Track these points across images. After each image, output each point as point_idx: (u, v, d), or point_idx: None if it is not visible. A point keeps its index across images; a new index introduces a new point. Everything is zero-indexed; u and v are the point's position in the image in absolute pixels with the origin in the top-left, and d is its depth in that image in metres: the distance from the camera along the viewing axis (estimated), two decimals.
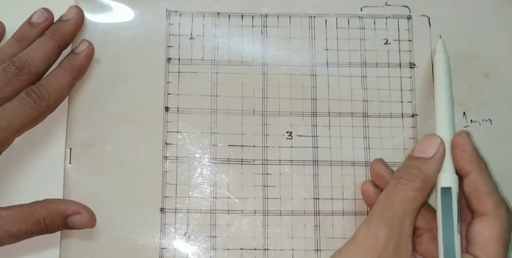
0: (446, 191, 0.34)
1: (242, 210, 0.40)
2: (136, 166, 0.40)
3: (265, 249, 0.39)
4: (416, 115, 0.42)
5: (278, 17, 0.43)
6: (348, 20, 0.43)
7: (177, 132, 0.41)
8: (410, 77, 0.42)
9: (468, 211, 0.35)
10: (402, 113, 0.42)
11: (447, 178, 0.35)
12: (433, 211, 0.36)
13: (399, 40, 0.43)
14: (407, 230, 0.33)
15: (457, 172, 0.35)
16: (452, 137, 0.36)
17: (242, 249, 0.39)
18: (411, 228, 0.33)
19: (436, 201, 0.35)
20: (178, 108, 0.41)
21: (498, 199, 0.34)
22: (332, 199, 0.40)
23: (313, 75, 0.42)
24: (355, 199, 0.40)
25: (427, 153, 0.35)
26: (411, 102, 0.42)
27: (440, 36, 0.42)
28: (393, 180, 0.35)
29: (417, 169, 0.34)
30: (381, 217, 0.33)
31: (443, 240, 0.33)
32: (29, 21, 0.41)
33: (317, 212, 0.40)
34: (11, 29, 0.41)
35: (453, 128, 0.37)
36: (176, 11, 0.43)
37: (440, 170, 0.35)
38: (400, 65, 0.42)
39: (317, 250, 0.39)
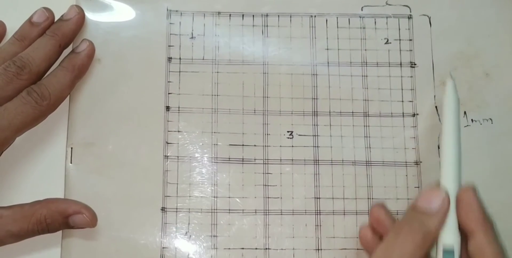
0: (449, 253, 0.32)
1: (243, 210, 0.40)
2: (137, 165, 0.40)
3: (266, 249, 0.39)
4: (417, 114, 0.42)
5: (278, 16, 0.43)
6: (349, 19, 0.43)
7: (178, 131, 0.41)
8: (411, 76, 0.42)
9: None
10: (403, 113, 0.42)
11: (450, 238, 0.33)
12: None
13: (399, 40, 0.43)
14: None
15: (460, 228, 0.33)
16: (456, 189, 0.34)
17: (243, 248, 0.39)
18: None
19: (437, 256, 0.33)
20: (179, 107, 0.41)
21: None
22: (333, 198, 0.40)
23: (314, 74, 0.42)
24: (356, 199, 0.40)
25: (431, 206, 0.33)
26: (412, 101, 0.42)
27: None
28: (392, 232, 0.33)
29: (419, 223, 0.32)
30: None
31: None
32: (30, 21, 0.41)
33: (318, 211, 0.40)
34: (12, 28, 0.41)
35: (459, 179, 0.34)
36: (177, 11, 0.43)
37: (443, 226, 0.33)
38: (401, 64, 0.42)
39: (318, 249, 0.39)
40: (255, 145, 0.41)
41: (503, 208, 0.40)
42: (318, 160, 0.41)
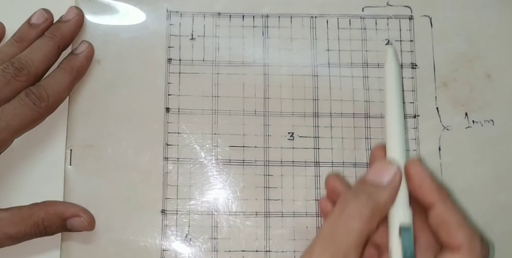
0: (406, 231, 0.31)
1: (243, 212, 0.40)
2: (137, 167, 0.40)
3: (266, 251, 0.39)
4: (418, 116, 0.41)
5: (279, 17, 0.43)
6: (350, 20, 0.43)
7: (178, 133, 0.41)
8: (412, 77, 0.42)
9: (426, 237, 0.32)
10: (404, 114, 0.41)
11: (405, 214, 0.32)
12: None
13: (400, 41, 0.42)
14: None
15: (416, 202, 0.32)
16: (404, 162, 0.33)
17: (243, 251, 0.39)
18: None
19: (389, 234, 0.32)
20: (179, 109, 0.41)
21: (471, 231, 0.30)
22: None
23: (314, 75, 0.42)
24: None
25: (381, 179, 0.31)
26: (413, 102, 0.42)
27: (389, 42, 0.41)
28: (338, 205, 0.31)
29: (368, 195, 0.31)
30: (324, 250, 0.29)
31: None
32: (28, 22, 0.40)
33: (319, 213, 0.40)
34: (10, 30, 0.41)
35: (405, 152, 0.33)
36: (176, 12, 0.43)
37: (394, 202, 0.32)
38: (401, 65, 0.42)
39: None
40: (255, 147, 0.41)
41: (504, 209, 0.40)
42: (319, 162, 0.40)
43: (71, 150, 0.40)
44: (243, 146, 0.41)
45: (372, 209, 0.30)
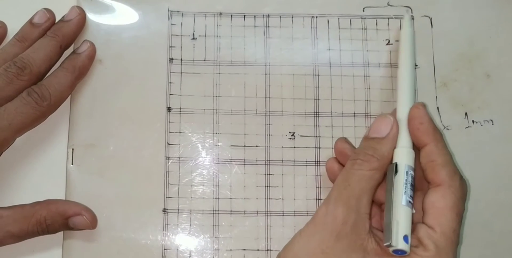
0: (391, 167, 0.35)
1: (244, 211, 0.40)
2: (139, 166, 0.40)
3: (267, 250, 0.39)
4: None
5: (280, 17, 0.43)
6: (350, 20, 0.43)
7: (180, 132, 0.41)
8: None
9: (425, 182, 0.35)
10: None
11: (397, 153, 0.35)
12: None
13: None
14: (364, 209, 0.33)
15: (415, 145, 0.35)
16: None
17: (245, 249, 0.39)
18: (368, 206, 0.34)
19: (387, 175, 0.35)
20: (180, 108, 0.41)
21: (452, 170, 0.34)
22: None
23: (315, 75, 0.42)
24: None
25: (381, 133, 0.35)
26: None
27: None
28: (350, 160, 0.35)
29: (372, 149, 0.35)
30: (339, 197, 0.33)
31: (385, 215, 0.34)
32: (30, 22, 0.41)
33: None
34: (13, 29, 0.41)
35: (413, 100, 0.37)
36: (178, 12, 0.43)
37: (396, 146, 0.35)
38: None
39: None
40: (256, 146, 0.41)
41: (503, 209, 0.41)
42: (320, 161, 0.41)
43: (73, 149, 0.40)
44: (244, 146, 0.41)
45: (378, 160, 0.34)
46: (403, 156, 0.35)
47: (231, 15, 0.43)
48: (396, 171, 0.34)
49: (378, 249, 0.33)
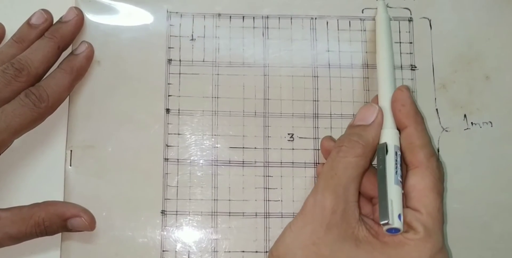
0: (381, 146, 0.35)
1: (243, 213, 0.40)
2: (137, 168, 0.40)
3: (266, 252, 0.39)
4: None
5: (279, 18, 0.43)
6: (350, 22, 0.43)
7: (178, 134, 0.41)
8: (412, 79, 0.42)
9: (405, 165, 0.36)
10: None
11: (384, 134, 0.35)
12: None
13: (400, 43, 0.43)
14: (352, 196, 0.33)
15: (397, 128, 0.36)
16: (392, 92, 0.37)
17: (243, 251, 0.39)
18: (356, 194, 0.34)
19: (377, 155, 0.35)
20: (179, 110, 0.41)
21: (430, 152, 0.34)
22: None
23: (314, 76, 0.42)
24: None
25: (367, 121, 0.36)
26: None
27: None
28: (335, 148, 0.35)
29: (357, 135, 0.35)
30: (326, 186, 0.33)
31: (378, 195, 0.34)
32: (28, 23, 0.40)
33: None
34: (10, 30, 0.41)
35: (394, 84, 0.37)
36: (177, 12, 0.43)
37: (382, 127, 0.36)
38: (401, 67, 0.42)
39: None
40: (255, 148, 0.41)
41: (503, 210, 0.41)
42: (319, 163, 0.41)
43: (71, 150, 0.40)
44: (243, 147, 0.41)
45: (363, 146, 0.34)
46: (391, 137, 0.35)
47: (230, 16, 0.43)
48: (387, 151, 0.34)
49: (370, 236, 0.33)
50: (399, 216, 0.33)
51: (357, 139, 0.35)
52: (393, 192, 0.33)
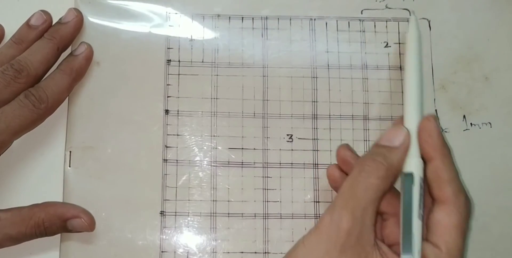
0: (408, 176, 0.34)
1: (242, 213, 0.40)
2: (136, 169, 0.40)
3: (265, 253, 0.39)
4: None
5: (278, 19, 0.43)
6: (349, 22, 0.43)
7: (177, 135, 0.41)
8: None
9: (430, 198, 0.35)
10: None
11: (410, 163, 0.34)
12: (399, 196, 0.35)
13: (399, 43, 0.43)
14: (369, 220, 0.32)
15: (422, 157, 0.35)
16: (419, 120, 0.35)
17: (242, 252, 0.39)
18: (374, 218, 0.33)
19: (400, 186, 0.34)
20: (178, 111, 0.41)
21: (458, 188, 0.33)
22: None
23: (313, 77, 0.42)
24: None
25: (393, 143, 0.34)
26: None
27: (413, 12, 0.42)
28: (357, 166, 0.34)
29: (382, 156, 0.34)
30: (345, 206, 0.32)
31: (402, 227, 0.33)
32: (27, 24, 0.40)
33: (318, 215, 0.40)
34: (9, 31, 0.41)
35: (421, 111, 0.36)
36: (176, 13, 0.43)
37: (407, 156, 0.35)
38: (400, 68, 0.42)
39: None
40: (254, 149, 0.41)
41: (501, 211, 0.41)
42: (318, 164, 0.41)
43: (70, 151, 0.40)
44: (242, 148, 0.41)
45: (387, 168, 0.33)
46: (417, 167, 0.34)
47: (229, 17, 0.43)
48: (412, 181, 0.33)
49: None
50: (419, 251, 0.32)
51: (381, 160, 0.33)
52: (416, 226, 0.33)
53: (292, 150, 0.41)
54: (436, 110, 0.42)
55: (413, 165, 0.34)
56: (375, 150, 0.34)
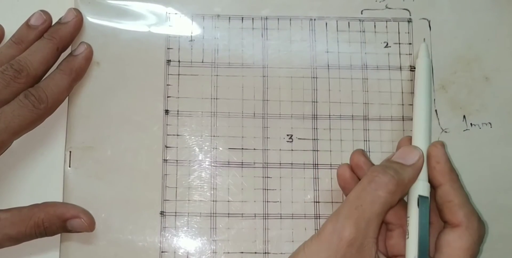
0: (424, 199, 0.34)
1: (242, 214, 0.40)
2: (136, 169, 0.40)
3: (265, 253, 0.39)
4: None
5: (278, 19, 0.43)
6: (349, 23, 0.43)
7: (177, 135, 0.41)
8: (411, 80, 0.42)
9: (435, 216, 0.35)
10: (402, 116, 0.41)
11: (420, 186, 0.34)
12: (405, 208, 0.35)
13: (399, 43, 0.43)
14: (372, 232, 0.32)
15: (429, 181, 0.35)
16: (427, 146, 0.36)
17: (242, 252, 0.39)
18: (377, 230, 0.33)
19: (408, 206, 0.35)
20: (178, 111, 0.41)
21: (470, 211, 0.34)
22: (332, 202, 0.40)
23: (313, 77, 0.42)
24: None
25: (407, 161, 0.35)
26: (412, 105, 0.42)
27: (424, 39, 0.42)
28: (367, 176, 0.33)
29: (394, 171, 0.33)
30: (349, 216, 0.32)
31: (418, 247, 0.33)
32: (27, 24, 0.40)
33: (318, 215, 0.40)
34: (9, 31, 0.41)
35: (429, 137, 0.37)
36: (176, 13, 0.43)
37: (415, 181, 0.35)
38: (400, 68, 0.42)
39: None
40: (254, 149, 0.41)
41: (502, 211, 0.41)
42: (318, 164, 0.41)
43: (70, 151, 0.40)
44: (242, 148, 0.41)
45: (397, 183, 0.33)
46: (424, 190, 0.34)
47: (229, 17, 0.43)
48: (429, 204, 0.34)
49: None
50: None
51: (393, 173, 0.33)
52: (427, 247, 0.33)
53: (292, 150, 0.41)
54: (436, 110, 0.42)
55: (426, 188, 0.35)
56: (388, 164, 0.34)
